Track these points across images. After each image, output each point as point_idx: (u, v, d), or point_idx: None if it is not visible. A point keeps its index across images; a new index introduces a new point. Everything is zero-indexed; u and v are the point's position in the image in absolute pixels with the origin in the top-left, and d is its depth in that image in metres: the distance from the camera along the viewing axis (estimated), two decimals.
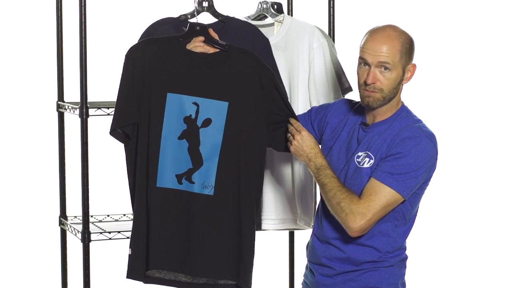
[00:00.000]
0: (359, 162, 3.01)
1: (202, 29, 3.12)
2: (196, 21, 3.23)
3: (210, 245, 3.13)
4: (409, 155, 2.92)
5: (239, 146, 3.11)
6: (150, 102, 3.08)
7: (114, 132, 3.10)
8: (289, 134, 3.14)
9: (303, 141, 3.09)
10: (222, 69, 3.10)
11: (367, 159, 2.99)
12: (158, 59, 3.08)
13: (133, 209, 3.17)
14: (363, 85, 2.99)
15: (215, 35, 3.14)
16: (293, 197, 3.59)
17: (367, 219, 2.92)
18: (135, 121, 3.08)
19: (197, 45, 3.11)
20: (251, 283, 3.18)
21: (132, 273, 3.14)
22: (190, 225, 3.12)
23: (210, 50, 3.12)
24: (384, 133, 2.99)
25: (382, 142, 2.98)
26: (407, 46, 2.97)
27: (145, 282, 3.18)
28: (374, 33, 2.98)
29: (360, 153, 3.02)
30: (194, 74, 3.09)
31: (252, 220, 3.16)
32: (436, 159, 2.99)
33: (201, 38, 3.12)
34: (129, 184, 3.16)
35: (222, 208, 3.12)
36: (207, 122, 3.11)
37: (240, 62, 3.11)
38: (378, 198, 2.92)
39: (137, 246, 3.12)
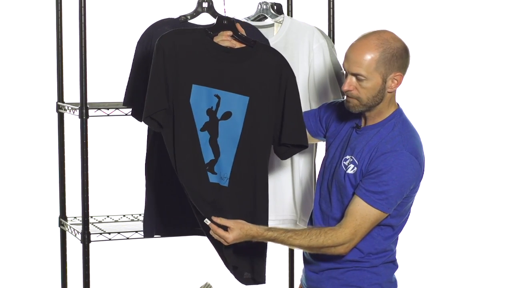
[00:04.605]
0: (345, 166, 3.02)
1: (229, 23, 3.13)
2: (224, 15, 3.23)
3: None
4: (391, 171, 2.91)
5: (256, 141, 3.13)
6: (177, 93, 3.08)
7: (146, 119, 3.08)
8: (217, 236, 2.99)
9: (234, 232, 2.97)
10: (246, 64, 3.11)
11: (351, 165, 3.00)
12: (187, 50, 3.08)
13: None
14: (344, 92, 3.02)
15: (242, 30, 3.14)
16: (293, 198, 3.59)
17: (355, 240, 2.96)
18: (163, 107, 3.05)
19: (225, 39, 3.11)
20: (265, 276, 3.20)
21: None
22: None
23: (236, 44, 3.12)
24: (371, 140, 2.99)
25: (368, 152, 2.97)
26: (389, 55, 2.92)
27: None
28: (355, 41, 2.98)
29: (347, 156, 3.03)
30: (218, 67, 3.10)
31: (266, 214, 3.17)
32: (421, 170, 2.97)
33: (229, 32, 3.12)
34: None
35: (235, 200, 3.13)
36: (227, 115, 3.12)
37: (264, 58, 3.12)
38: (364, 221, 2.93)
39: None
